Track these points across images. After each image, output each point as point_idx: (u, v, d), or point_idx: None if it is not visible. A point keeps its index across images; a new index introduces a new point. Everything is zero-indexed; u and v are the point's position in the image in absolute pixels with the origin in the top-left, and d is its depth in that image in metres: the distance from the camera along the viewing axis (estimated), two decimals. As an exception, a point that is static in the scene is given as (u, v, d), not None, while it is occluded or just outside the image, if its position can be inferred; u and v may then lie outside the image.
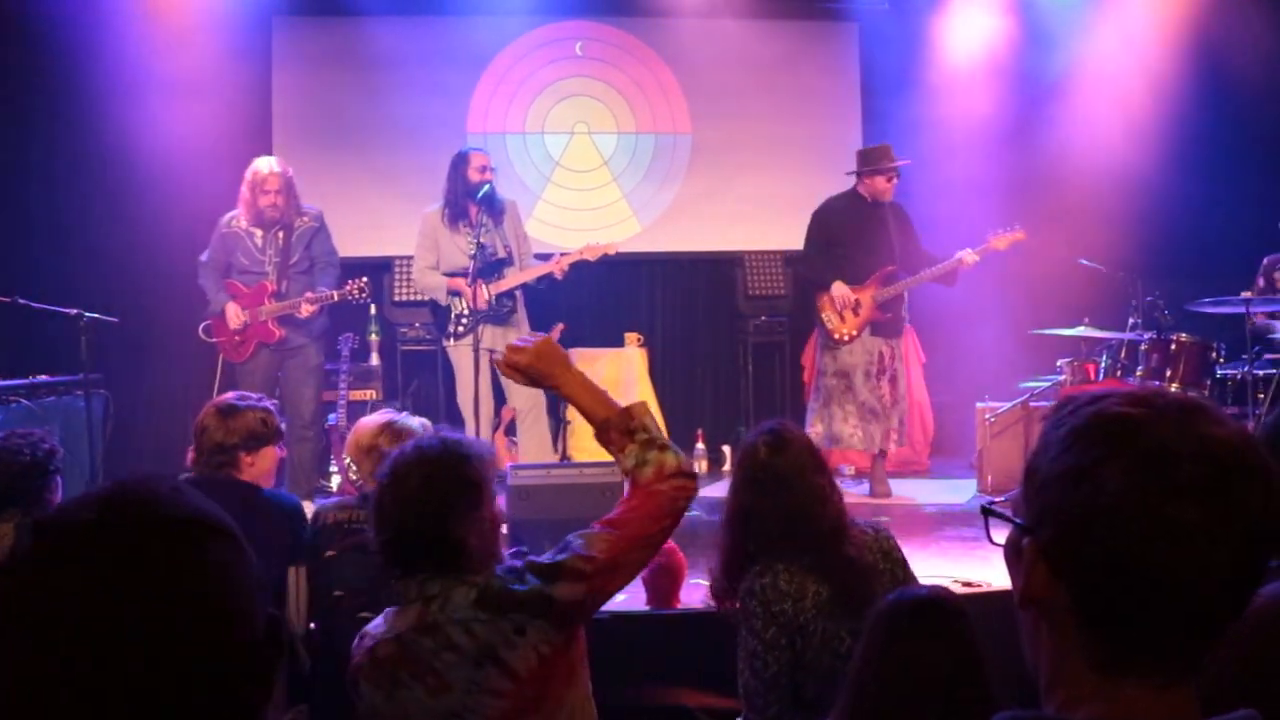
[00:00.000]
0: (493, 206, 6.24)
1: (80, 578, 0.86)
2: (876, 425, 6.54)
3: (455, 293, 6.22)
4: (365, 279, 6.25)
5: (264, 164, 6.24)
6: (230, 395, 3.59)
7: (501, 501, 5.76)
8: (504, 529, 2.39)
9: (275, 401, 3.68)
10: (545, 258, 6.48)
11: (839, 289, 6.47)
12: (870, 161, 6.57)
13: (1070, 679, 1.01)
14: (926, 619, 2.21)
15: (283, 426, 3.57)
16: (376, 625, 2.30)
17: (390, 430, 3.46)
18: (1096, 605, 0.99)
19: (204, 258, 6.30)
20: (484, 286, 6.17)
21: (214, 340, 6.28)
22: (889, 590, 2.82)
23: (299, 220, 6.29)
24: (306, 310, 6.12)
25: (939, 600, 2.26)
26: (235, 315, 6.16)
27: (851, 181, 6.66)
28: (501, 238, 6.29)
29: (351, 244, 7.64)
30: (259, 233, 6.23)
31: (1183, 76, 7.78)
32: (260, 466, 3.44)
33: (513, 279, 6.27)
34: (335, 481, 6.82)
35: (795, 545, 2.90)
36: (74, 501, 0.92)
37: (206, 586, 0.90)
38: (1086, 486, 0.98)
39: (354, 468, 3.56)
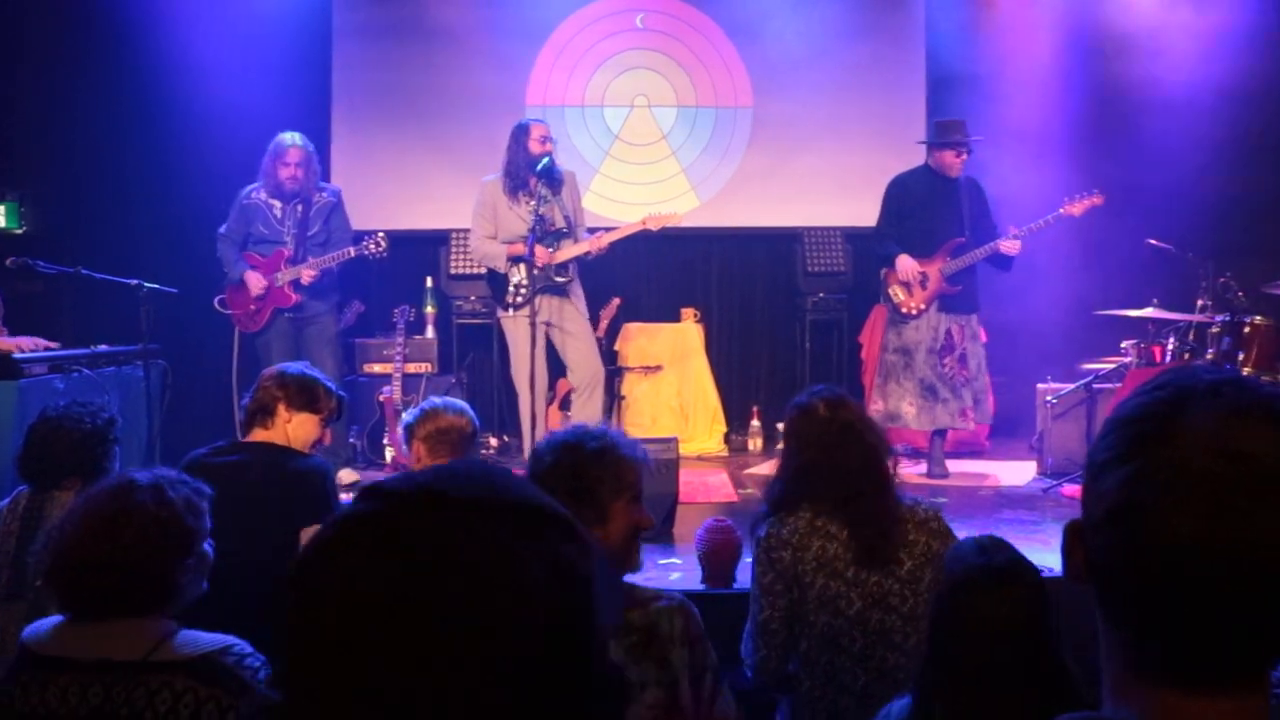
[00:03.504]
0: (552, 178, 6.24)
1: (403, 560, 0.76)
2: (937, 404, 6.44)
3: (516, 259, 6.20)
4: (382, 234, 6.27)
5: (287, 137, 6.34)
6: (303, 363, 3.69)
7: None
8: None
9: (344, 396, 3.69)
10: (602, 231, 6.47)
11: (904, 262, 6.38)
12: (940, 134, 6.47)
13: (1114, 677, 0.98)
14: (999, 576, 2.17)
15: (335, 409, 3.57)
16: None
17: (424, 416, 3.56)
18: (1112, 605, 0.95)
19: (223, 230, 6.41)
20: (549, 251, 6.18)
21: (229, 312, 6.34)
22: (919, 564, 2.88)
23: (318, 196, 6.38)
24: (308, 275, 6.19)
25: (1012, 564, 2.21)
26: (256, 282, 6.24)
27: (924, 155, 6.57)
28: (561, 208, 6.28)
29: (408, 217, 7.67)
30: (278, 204, 6.34)
31: (1259, 52, 7.55)
32: (297, 431, 3.47)
33: (568, 251, 6.25)
34: (389, 455, 6.85)
35: (819, 501, 2.92)
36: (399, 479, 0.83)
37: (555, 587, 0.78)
38: (1098, 485, 0.95)
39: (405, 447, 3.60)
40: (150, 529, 2.10)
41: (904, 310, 6.44)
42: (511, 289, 6.25)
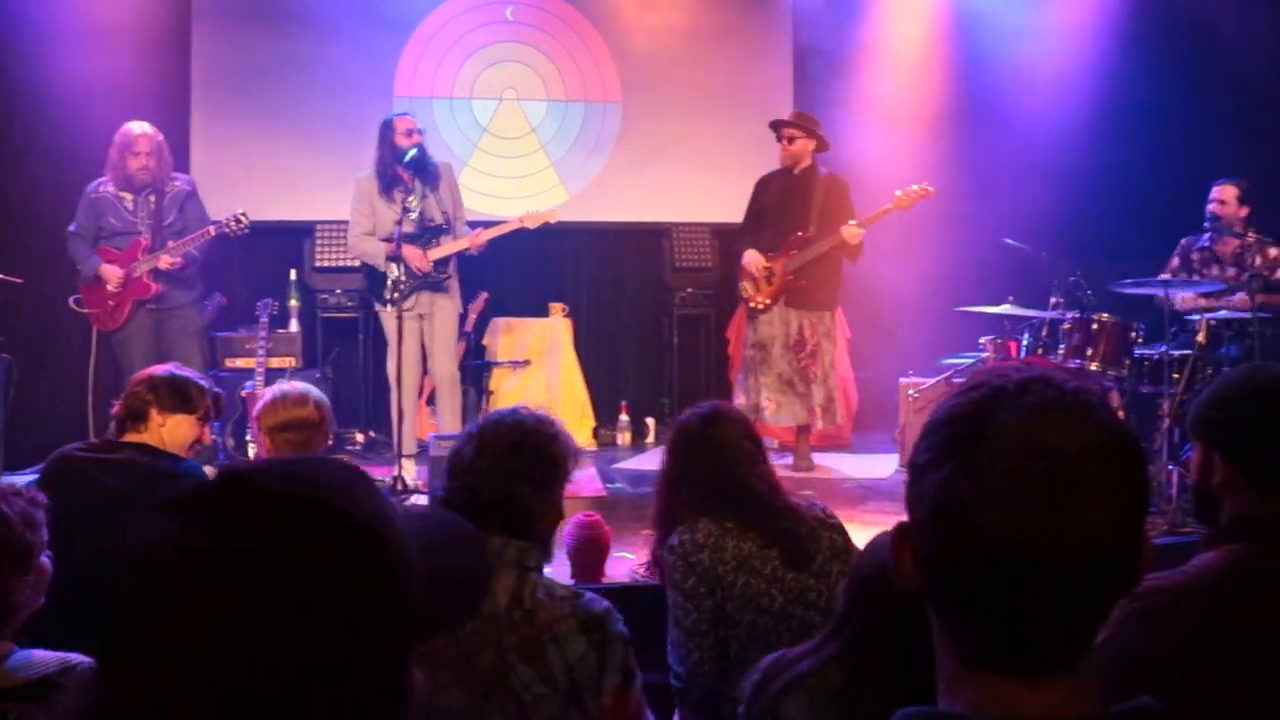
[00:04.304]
0: (425, 171, 6.16)
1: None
2: (795, 399, 6.55)
3: (394, 258, 6.09)
4: (243, 211, 6.11)
5: (135, 126, 6.14)
6: (172, 365, 3.56)
7: (423, 473, 5.72)
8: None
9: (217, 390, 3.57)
10: (473, 225, 6.39)
11: (748, 257, 6.55)
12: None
13: (947, 671, 1.01)
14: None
15: (211, 406, 3.46)
16: None
17: (266, 407, 3.51)
18: (940, 600, 0.99)
19: (72, 227, 6.17)
20: (423, 253, 6.09)
21: (86, 311, 6.12)
22: (827, 559, 2.97)
23: (171, 185, 6.19)
24: (167, 261, 5.99)
25: None
26: (113, 274, 6.02)
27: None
28: (439, 203, 6.20)
29: (272, 207, 7.46)
30: (129, 196, 6.13)
31: (1107, 59, 7.85)
32: (173, 433, 3.34)
33: (446, 247, 6.17)
34: (252, 452, 6.67)
35: (722, 506, 2.95)
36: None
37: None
38: (919, 486, 0.98)
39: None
40: None
41: (751, 305, 6.58)
42: (390, 284, 6.14)
